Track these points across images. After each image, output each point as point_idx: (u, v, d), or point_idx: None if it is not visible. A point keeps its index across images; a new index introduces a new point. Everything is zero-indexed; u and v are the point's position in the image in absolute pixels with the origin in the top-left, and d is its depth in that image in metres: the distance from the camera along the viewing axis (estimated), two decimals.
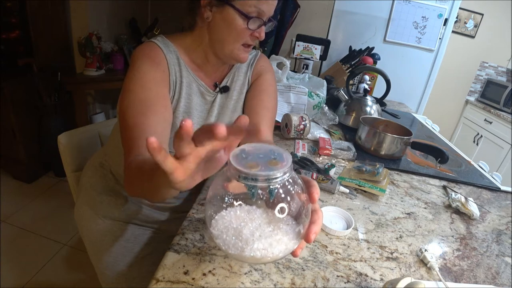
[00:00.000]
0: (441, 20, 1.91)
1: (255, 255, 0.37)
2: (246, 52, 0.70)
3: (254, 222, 0.39)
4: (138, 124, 0.60)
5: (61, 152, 0.92)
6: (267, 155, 0.38)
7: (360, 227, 0.65)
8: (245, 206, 0.40)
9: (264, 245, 0.37)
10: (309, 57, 1.78)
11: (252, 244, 0.37)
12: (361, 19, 1.95)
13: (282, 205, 0.37)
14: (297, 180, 0.39)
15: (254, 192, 0.36)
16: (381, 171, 0.85)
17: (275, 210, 0.37)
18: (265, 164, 0.36)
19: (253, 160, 0.37)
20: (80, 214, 0.83)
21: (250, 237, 0.38)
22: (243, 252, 0.37)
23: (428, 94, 2.11)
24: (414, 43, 1.97)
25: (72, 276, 1.47)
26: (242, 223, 0.39)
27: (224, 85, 0.78)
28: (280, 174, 0.36)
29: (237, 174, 0.35)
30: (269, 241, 0.38)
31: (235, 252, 0.38)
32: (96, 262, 0.81)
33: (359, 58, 1.78)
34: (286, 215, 0.38)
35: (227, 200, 0.39)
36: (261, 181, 0.35)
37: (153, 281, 0.44)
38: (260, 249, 0.37)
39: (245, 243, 0.37)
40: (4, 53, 1.84)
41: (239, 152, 0.38)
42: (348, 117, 1.26)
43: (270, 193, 0.37)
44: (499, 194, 0.94)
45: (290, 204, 0.38)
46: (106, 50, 2.26)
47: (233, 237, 0.38)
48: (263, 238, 0.38)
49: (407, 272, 0.55)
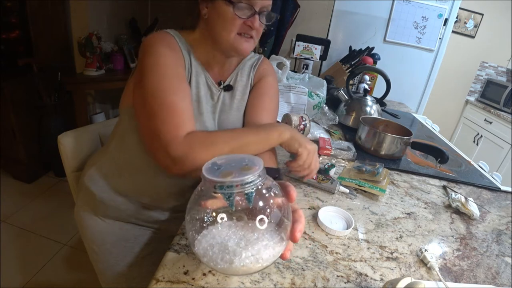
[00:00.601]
0: (441, 20, 1.91)
1: (245, 264, 0.37)
2: (245, 42, 0.70)
3: (237, 234, 0.38)
4: (176, 103, 0.63)
5: (61, 152, 0.92)
6: (239, 163, 0.39)
7: (360, 227, 0.65)
8: (226, 221, 0.39)
9: (252, 252, 0.37)
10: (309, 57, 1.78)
11: (240, 254, 0.37)
12: (361, 19, 1.95)
13: (262, 216, 0.37)
14: (272, 184, 0.39)
15: (232, 201, 0.36)
16: (381, 171, 0.85)
17: (256, 221, 0.37)
18: (238, 171, 0.37)
19: (225, 169, 0.37)
20: (80, 214, 0.83)
21: (237, 248, 0.37)
22: (233, 264, 0.37)
23: (428, 94, 2.11)
24: (414, 43, 1.97)
25: (72, 276, 1.47)
26: (226, 237, 0.38)
27: (228, 84, 0.79)
28: (254, 177, 0.36)
29: (212, 186, 0.36)
30: (256, 248, 0.37)
31: (224, 265, 0.37)
32: (96, 262, 0.81)
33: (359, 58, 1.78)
34: (267, 223, 0.37)
35: (206, 219, 0.39)
36: (237, 187, 0.35)
37: (153, 281, 0.44)
38: (249, 257, 0.37)
39: (233, 254, 0.37)
40: (4, 53, 1.84)
41: (211, 165, 0.38)
42: (348, 117, 1.26)
43: (248, 199, 0.37)
44: (499, 194, 0.94)
45: (270, 208, 0.38)
46: (106, 50, 2.26)
47: (220, 252, 0.38)
48: (249, 246, 0.37)
49: (407, 272, 0.55)
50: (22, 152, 1.96)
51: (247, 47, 0.71)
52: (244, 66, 0.83)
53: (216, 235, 0.39)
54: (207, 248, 0.38)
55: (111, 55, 2.31)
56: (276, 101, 0.86)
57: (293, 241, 0.40)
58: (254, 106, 0.81)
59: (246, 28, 0.68)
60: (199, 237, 0.39)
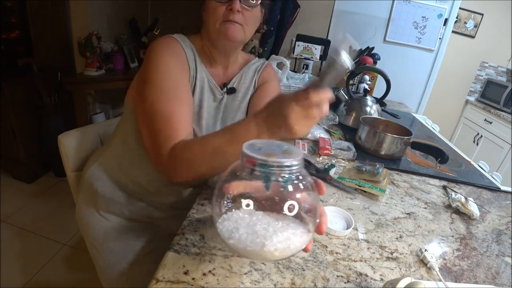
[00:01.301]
0: (441, 20, 1.91)
1: (277, 248, 0.36)
2: (231, 25, 0.69)
3: (263, 220, 0.38)
4: (172, 112, 0.64)
5: (61, 152, 0.92)
6: (279, 147, 0.38)
7: (360, 227, 0.65)
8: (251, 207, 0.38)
9: (282, 237, 0.36)
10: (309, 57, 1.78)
11: (271, 237, 0.36)
12: (361, 19, 1.95)
13: (291, 203, 0.36)
14: (306, 173, 0.39)
15: (269, 183, 0.36)
16: (381, 171, 0.85)
17: (285, 208, 0.36)
18: (280, 154, 0.36)
19: (267, 151, 0.37)
20: (81, 211, 0.84)
21: (267, 232, 0.36)
22: (264, 247, 0.36)
23: (428, 94, 2.11)
24: (414, 43, 1.97)
25: (72, 276, 1.47)
26: (251, 222, 0.38)
27: (232, 87, 0.81)
28: (297, 162, 0.36)
29: (251, 164, 0.35)
30: (286, 234, 0.37)
31: (254, 248, 0.36)
32: (97, 261, 0.81)
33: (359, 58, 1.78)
34: (296, 210, 0.37)
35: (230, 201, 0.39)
36: (279, 168, 0.35)
37: (153, 281, 0.44)
38: (281, 241, 0.36)
39: (263, 237, 0.36)
40: (4, 53, 1.84)
41: (251, 144, 0.38)
42: (348, 117, 1.26)
43: (285, 184, 0.36)
44: (499, 194, 0.94)
45: (301, 197, 0.37)
46: (106, 50, 2.26)
47: (248, 235, 0.37)
48: (279, 232, 0.37)
49: (407, 272, 0.55)
50: (22, 152, 1.96)
51: (233, 31, 0.70)
52: (248, 70, 0.85)
53: (241, 219, 0.38)
54: (232, 230, 0.38)
55: (111, 55, 2.31)
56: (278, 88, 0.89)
57: (320, 233, 0.40)
58: (257, 108, 0.82)
59: (228, 13, 0.69)
60: (222, 219, 0.39)
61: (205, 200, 0.65)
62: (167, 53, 0.69)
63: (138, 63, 2.49)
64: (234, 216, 0.39)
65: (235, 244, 0.37)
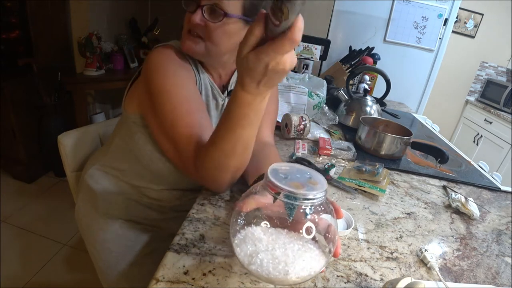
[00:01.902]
0: (441, 20, 1.91)
1: (300, 275, 0.36)
2: (187, 40, 0.66)
3: (281, 240, 0.38)
4: (198, 120, 0.62)
5: (61, 152, 0.92)
6: (303, 174, 0.39)
7: (360, 227, 0.65)
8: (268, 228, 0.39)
9: (304, 264, 0.37)
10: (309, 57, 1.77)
11: (293, 265, 0.36)
12: (361, 19, 1.95)
13: (310, 225, 0.37)
14: (325, 199, 0.39)
15: (293, 212, 0.36)
16: (381, 171, 0.85)
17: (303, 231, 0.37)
18: (306, 183, 0.37)
19: (292, 179, 0.37)
20: (81, 213, 0.84)
21: (287, 258, 0.36)
22: (288, 275, 0.36)
23: (428, 94, 2.11)
24: (414, 43, 1.97)
25: (72, 276, 1.47)
26: (269, 244, 0.38)
27: (232, 89, 0.80)
28: (323, 194, 0.36)
29: (275, 192, 0.36)
30: (307, 259, 0.37)
31: (278, 275, 0.36)
32: (97, 261, 0.81)
33: (359, 58, 1.78)
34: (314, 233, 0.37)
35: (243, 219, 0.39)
36: (305, 199, 0.35)
37: (153, 281, 0.44)
38: (303, 269, 0.36)
39: (285, 264, 0.36)
40: (4, 53, 1.84)
41: (275, 170, 0.38)
42: (348, 117, 1.26)
43: (306, 213, 0.37)
44: (499, 194, 0.94)
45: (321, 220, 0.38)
46: (106, 50, 2.27)
47: (270, 261, 0.37)
48: (298, 257, 0.37)
49: (407, 272, 0.55)
50: (22, 152, 1.96)
51: (188, 45, 0.66)
52: None
53: (258, 240, 0.38)
54: (251, 254, 0.37)
55: (111, 55, 2.32)
56: (276, 103, 0.87)
57: (336, 256, 0.40)
58: None
59: (190, 25, 0.65)
60: (237, 239, 0.39)
61: (205, 200, 0.65)
62: (173, 64, 0.66)
63: (138, 63, 2.49)
64: (249, 235, 0.39)
65: (257, 271, 0.37)
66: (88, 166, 0.87)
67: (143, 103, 0.70)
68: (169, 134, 0.63)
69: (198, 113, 0.63)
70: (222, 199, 0.66)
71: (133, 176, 0.79)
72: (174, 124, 0.61)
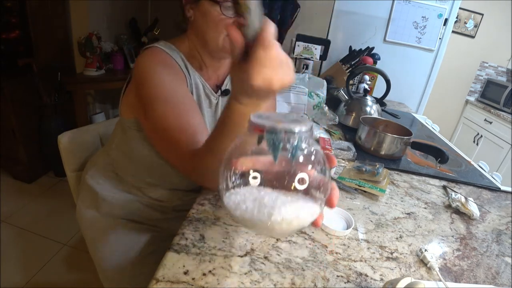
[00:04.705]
0: (441, 20, 1.91)
1: (284, 218, 0.35)
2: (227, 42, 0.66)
3: (274, 193, 0.36)
4: (187, 122, 0.61)
5: (61, 152, 0.92)
6: (287, 117, 0.37)
7: (360, 227, 0.65)
8: (258, 180, 0.37)
9: (291, 209, 0.35)
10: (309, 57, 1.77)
11: (279, 208, 0.35)
12: (361, 19, 1.95)
13: (303, 176, 0.35)
14: (316, 144, 0.37)
15: (277, 153, 0.34)
16: (381, 171, 0.85)
17: (295, 181, 0.35)
18: (288, 122, 0.35)
19: (275, 119, 0.35)
20: (82, 213, 0.84)
21: (275, 204, 0.35)
22: (272, 217, 0.35)
23: (428, 94, 2.11)
24: (414, 43, 1.97)
25: (72, 276, 1.47)
26: (259, 195, 0.37)
27: (226, 89, 0.79)
28: (307, 128, 0.35)
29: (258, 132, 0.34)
30: (295, 206, 0.36)
31: (261, 218, 0.35)
32: (98, 261, 0.81)
33: (359, 58, 1.78)
34: (307, 183, 0.35)
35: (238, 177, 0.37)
36: (287, 134, 0.34)
37: (153, 281, 0.44)
38: (289, 212, 0.35)
39: (271, 208, 0.35)
40: (4, 53, 1.84)
41: (259, 115, 0.37)
42: (348, 117, 1.26)
43: (293, 152, 0.35)
44: (499, 194, 0.94)
45: (313, 169, 0.36)
46: (106, 50, 2.27)
47: (255, 206, 0.36)
48: (287, 203, 0.36)
49: (407, 272, 0.55)
50: (22, 152, 1.96)
51: None
52: None
53: (249, 193, 0.37)
54: (238, 202, 0.37)
55: (111, 55, 2.32)
56: (273, 99, 0.87)
57: (331, 206, 0.38)
58: None
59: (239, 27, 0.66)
60: (229, 193, 0.38)
61: (205, 200, 0.65)
62: (160, 67, 0.65)
63: None
64: (241, 191, 0.37)
65: (241, 215, 0.36)
66: (89, 166, 0.87)
67: (136, 107, 0.70)
68: (162, 138, 0.63)
69: (191, 115, 0.63)
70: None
71: (134, 177, 0.79)
72: (166, 127, 0.61)
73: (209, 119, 0.77)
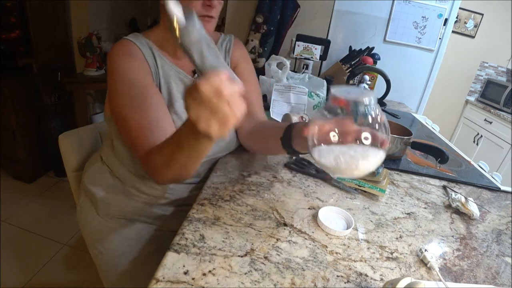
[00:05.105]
0: (441, 20, 1.91)
1: (371, 157, 0.48)
2: (207, 22, 0.68)
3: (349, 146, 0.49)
4: (139, 120, 0.63)
5: (61, 152, 0.92)
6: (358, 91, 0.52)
7: (360, 227, 0.65)
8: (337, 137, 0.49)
9: (369, 151, 0.48)
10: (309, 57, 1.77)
11: (357, 157, 0.48)
12: (361, 19, 1.95)
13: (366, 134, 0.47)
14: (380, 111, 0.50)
15: (357, 117, 0.47)
16: (381, 171, 0.85)
17: (362, 138, 0.47)
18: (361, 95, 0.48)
19: (352, 93, 0.48)
20: (82, 214, 0.84)
21: (356, 152, 0.48)
22: (358, 160, 0.48)
23: (428, 94, 2.10)
24: (414, 43, 1.97)
25: (72, 276, 1.47)
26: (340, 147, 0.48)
27: None
28: (374, 99, 0.48)
29: (341, 105, 0.47)
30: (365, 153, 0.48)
31: (350, 160, 0.47)
32: (99, 262, 0.81)
33: (359, 58, 1.78)
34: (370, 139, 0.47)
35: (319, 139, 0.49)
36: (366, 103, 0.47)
37: (153, 281, 0.44)
38: (371, 155, 0.48)
39: (355, 151, 0.48)
40: (4, 53, 1.84)
41: (339, 90, 0.48)
42: None
43: (365, 114, 0.47)
44: (499, 194, 0.94)
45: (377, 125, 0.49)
46: (106, 50, 2.26)
47: (340, 153, 0.48)
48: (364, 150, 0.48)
49: (407, 272, 0.55)
50: (22, 152, 1.96)
51: (210, 29, 0.69)
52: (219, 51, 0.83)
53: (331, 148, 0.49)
54: (327, 152, 0.49)
55: None
56: (257, 82, 0.89)
57: (385, 145, 0.48)
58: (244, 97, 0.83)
59: (206, 10, 0.66)
60: (317, 149, 0.50)
61: (205, 200, 0.65)
62: (123, 58, 0.67)
63: None
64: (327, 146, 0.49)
65: (329, 163, 0.49)
66: (86, 168, 0.87)
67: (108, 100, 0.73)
68: (122, 129, 0.66)
69: (150, 108, 0.65)
70: (222, 199, 0.66)
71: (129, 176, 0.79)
72: (125, 119, 0.64)
73: (182, 102, 0.77)
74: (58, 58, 2.09)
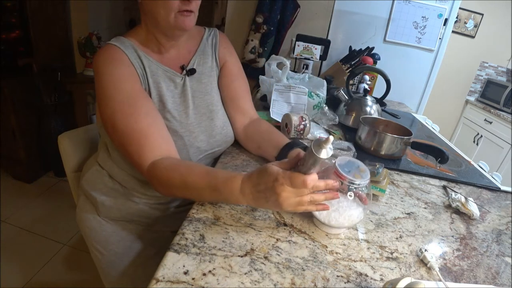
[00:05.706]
0: (441, 20, 1.91)
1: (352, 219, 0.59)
2: (186, 16, 0.68)
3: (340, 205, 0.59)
4: (131, 126, 0.64)
5: (61, 152, 0.92)
6: (356, 165, 0.59)
7: (360, 227, 0.65)
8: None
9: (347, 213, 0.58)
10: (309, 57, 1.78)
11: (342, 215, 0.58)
12: (361, 19, 1.95)
13: (350, 193, 0.57)
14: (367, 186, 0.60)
15: (352, 190, 0.57)
16: (381, 171, 0.85)
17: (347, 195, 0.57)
18: (359, 173, 0.58)
19: (352, 171, 0.57)
20: (82, 216, 0.83)
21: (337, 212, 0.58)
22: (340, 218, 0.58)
23: (428, 94, 2.11)
24: (414, 43, 1.97)
25: (72, 276, 1.47)
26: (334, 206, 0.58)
27: (191, 68, 0.78)
28: (368, 179, 0.58)
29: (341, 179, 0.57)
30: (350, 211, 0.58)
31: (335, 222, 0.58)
32: (100, 263, 0.80)
33: (359, 58, 1.78)
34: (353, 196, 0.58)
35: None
36: (362, 184, 0.58)
37: (153, 281, 0.44)
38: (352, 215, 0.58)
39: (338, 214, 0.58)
40: (4, 53, 1.84)
41: (341, 165, 0.58)
42: (348, 117, 1.26)
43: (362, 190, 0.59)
44: (499, 194, 0.94)
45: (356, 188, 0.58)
46: None
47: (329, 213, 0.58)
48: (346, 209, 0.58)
49: (407, 272, 0.55)
50: (22, 152, 1.96)
51: (189, 24, 0.69)
52: (205, 48, 0.82)
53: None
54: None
55: None
56: (245, 76, 0.90)
57: (365, 203, 0.58)
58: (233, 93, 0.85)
59: (184, 4, 0.66)
60: None
61: None
62: (109, 64, 0.66)
63: None
64: None
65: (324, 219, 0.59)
66: (85, 169, 0.87)
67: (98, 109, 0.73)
68: (115, 137, 0.66)
69: (141, 115, 0.65)
70: None
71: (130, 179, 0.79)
72: (114, 127, 0.65)
73: (176, 100, 0.76)
74: (58, 58, 2.09)
